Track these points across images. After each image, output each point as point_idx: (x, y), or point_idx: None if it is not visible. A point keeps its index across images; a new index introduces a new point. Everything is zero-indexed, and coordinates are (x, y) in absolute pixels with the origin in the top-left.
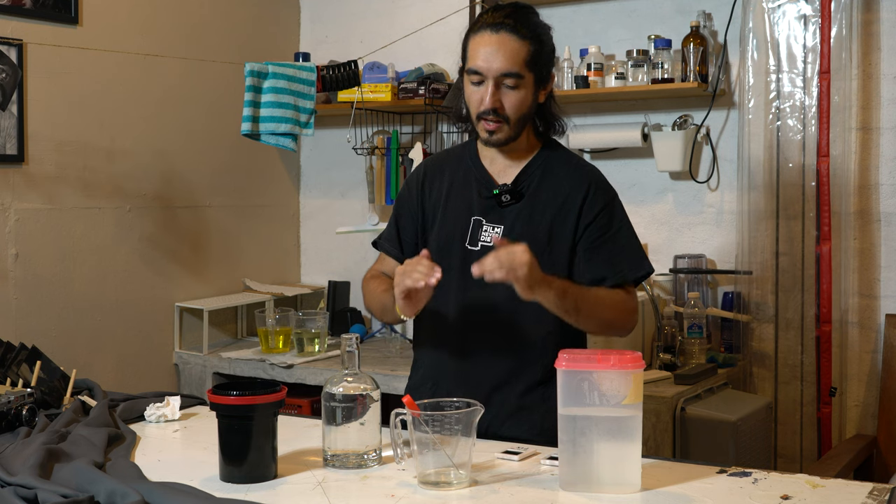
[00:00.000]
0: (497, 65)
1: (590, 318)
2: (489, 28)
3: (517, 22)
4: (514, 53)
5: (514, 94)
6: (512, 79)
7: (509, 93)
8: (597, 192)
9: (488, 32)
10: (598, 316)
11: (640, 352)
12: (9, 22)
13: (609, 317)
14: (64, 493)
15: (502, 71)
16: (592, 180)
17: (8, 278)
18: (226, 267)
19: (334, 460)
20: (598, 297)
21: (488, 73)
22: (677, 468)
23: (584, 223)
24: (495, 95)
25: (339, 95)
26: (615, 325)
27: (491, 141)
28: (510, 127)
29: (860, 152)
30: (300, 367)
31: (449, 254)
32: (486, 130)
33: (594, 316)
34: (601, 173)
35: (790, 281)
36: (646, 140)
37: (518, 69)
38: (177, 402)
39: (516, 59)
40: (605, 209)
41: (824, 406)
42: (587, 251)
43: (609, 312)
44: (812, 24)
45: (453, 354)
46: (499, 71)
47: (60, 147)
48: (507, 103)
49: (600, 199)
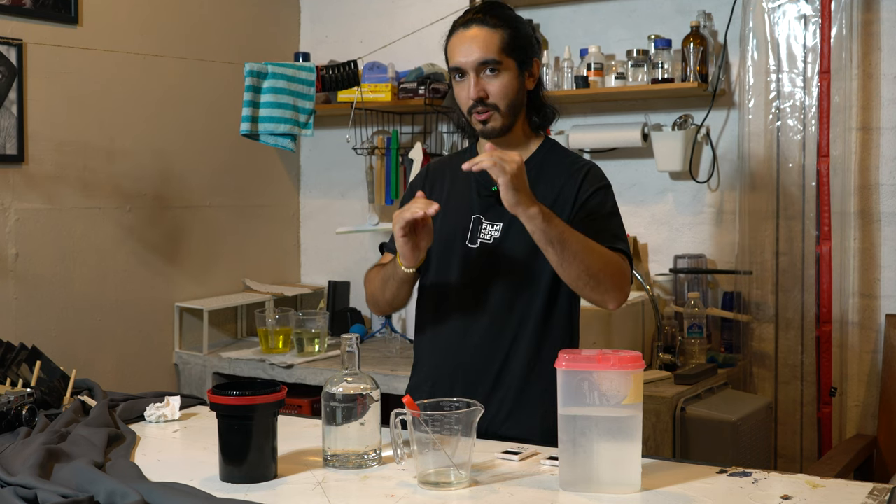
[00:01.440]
0: (474, 56)
1: (576, 260)
2: (461, 27)
3: (485, 14)
4: (488, 42)
5: (496, 80)
6: (490, 66)
7: (491, 80)
8: (592, 178)
9: (461, 31)
10: (585, 261)
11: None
12: (9, 22)
13: (597, 267)
14: (64, 493)
15: (479, 60)
16: (588, 170)
17: (8, 278)
18: (226, 267)
19: (334, 460)
20: (590, 243)
21: (467, 66)
22: (677, 468)
23: (578, 205)
24: (478, 85)
25: (339, 95)
26: (603, 280)
27: (486, 131)
28: (501, 114)
29: (860, 152)
30: (300, 367)
31: (450, 252)
32: (479, 122)
33: (582, 259)
34: (598, 166)
35: (790, 281)
36: (646, 140)
37: (494, 55)
38: (177, 402)
39: (490, 46)
40: (598, 191)
41: (824, 406)
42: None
43: (598, 262)
44: (812, 24)
45: (453, 352)
46: (476, 61)
47: (60, 147)
48: (492, 90)
49: (595, 182)
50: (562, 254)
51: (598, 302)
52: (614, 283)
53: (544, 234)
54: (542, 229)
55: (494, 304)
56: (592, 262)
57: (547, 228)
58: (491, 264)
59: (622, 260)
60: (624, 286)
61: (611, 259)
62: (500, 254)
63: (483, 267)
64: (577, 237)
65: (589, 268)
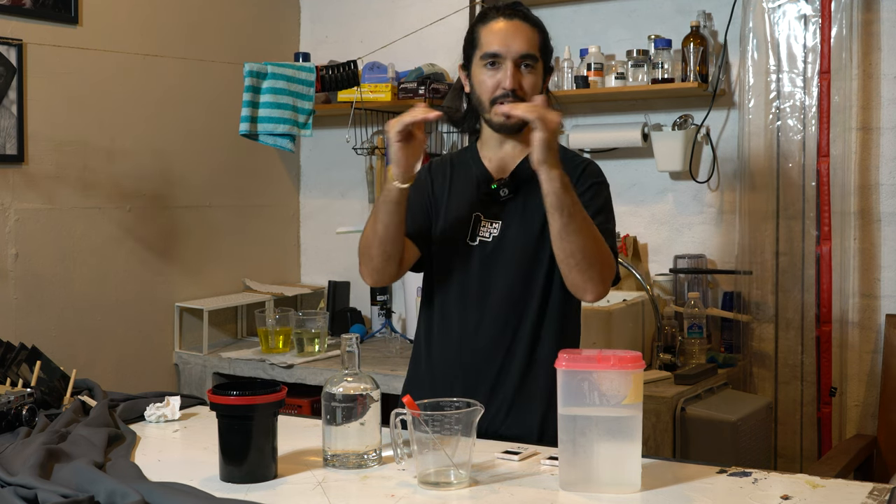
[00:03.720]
0: (517, 46)
1: (577, 235)
2: (502, 15)
3: (526, 12)
4: (531, 37)
5: (531, 76)
6: (530, 60)
7: (527, 74)
8: (588, 174)
9: (502, 19)
10: (584, 239)
11: (640, 352)
12: (9, 22)
13: (591, 250)
14: (64, 493)
15: (522, 52)
16: (586, 166)
17: (8, 278)
18: (226, 267)
19: (334, 460)
20: (594, 227)
21: (507, 54)
22: (677, 468)
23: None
24: (516, 76)
25: (339, 95)
26: (593, 264)
27: (508, 125)
28: None
29: (860, 152)
30: (300, 367)
31: (450, 250)
32: (502, 114)
33: (583, 236)
34: (596, 164)
35: (790, 281)
36: (646, 140)
37: (535, 51)
38: (177, 402)
39: (532, 42)
40: (592, 186)
41: (824, 406)
42: None
43: (594, 246)
44: (812, 24)
45: (453, 350)
46: (519, 52)
47: (60, 147)
48: (527, 84)
49: (590, 178)
50: (567, 224)
51: (580, 287)
52: (601, 272)
53: (558, 197)
54: (557, 192)
55: (494, 303)
56: (590, 244)
57: (562, 193)
58: (490, 262)
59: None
60: (607, 279)
61: (605, 249)
62: (499, 252)
63: (482, 265)
64: (584, 215)
65: (585, 248)
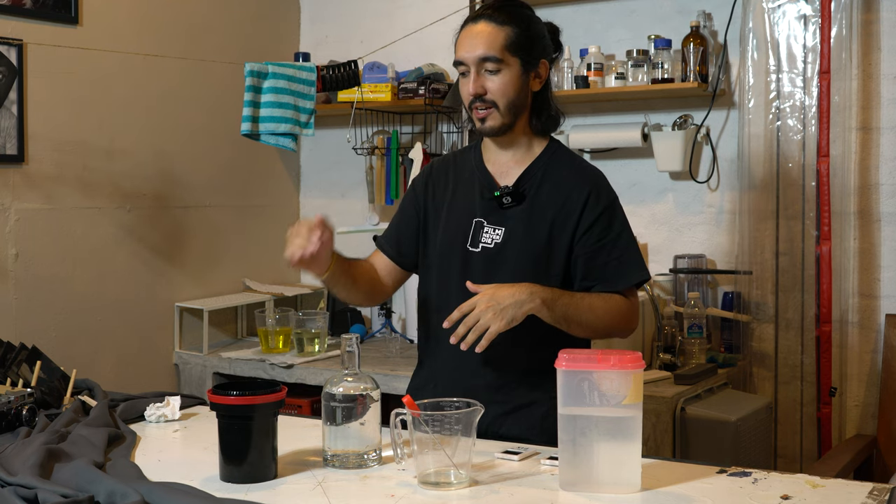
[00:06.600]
0: (477, 51)
1: (581, 327)
2: (470, 21)
3: (494, 11)
4: (492, 38)
5: (496, 78)
6: (492, 63)
7: (491, 77)
8: (598, 195)
9: (469, 25)
10: (590, 325)
11: (640, 352)
12: (9, 22)
13: (603, 325)
14: (64, 493)
15: (481, 56)
16: (594, 183)
17: (8, 278)
18: (226, 267)
19: (334, 460)
20: (592, 305)
21: (469, 61)
22: (677, 468)
23: (584, 226)
24: (478, 81)
25: (339, 95)
26: (612, 331)
27: (484, 129)
28: (500, 113)
29: (860, 152)
30: (300, 367)
31: (451, 255)
32: (478, 119)
33: (587, 325)
34: (604, 176)
35: (790, 281)
36: (646, 140)
37: (496, 53)
38: (177, 402)
39: (493, 43)
40: (604, 213)
41: (824, 406)
42: (585, 255)
43: (603, 320)
44: (812, 24)
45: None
46: (477, 56)
47: (60, 147)
48: (491, 87)
49: (601, 202)
50: (569, 328)
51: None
52: (620, 328)
53: (550, 319)
54: (547, 317)
55: None
56: (598, 324)
57: (550, 315)
58: (492, 269)
59: (627, 301)
60: (629, 325)
61: (613, 309)
62: (502, 258)
63: (484, 271)
64: (579, 307)
65: (595, 330)
